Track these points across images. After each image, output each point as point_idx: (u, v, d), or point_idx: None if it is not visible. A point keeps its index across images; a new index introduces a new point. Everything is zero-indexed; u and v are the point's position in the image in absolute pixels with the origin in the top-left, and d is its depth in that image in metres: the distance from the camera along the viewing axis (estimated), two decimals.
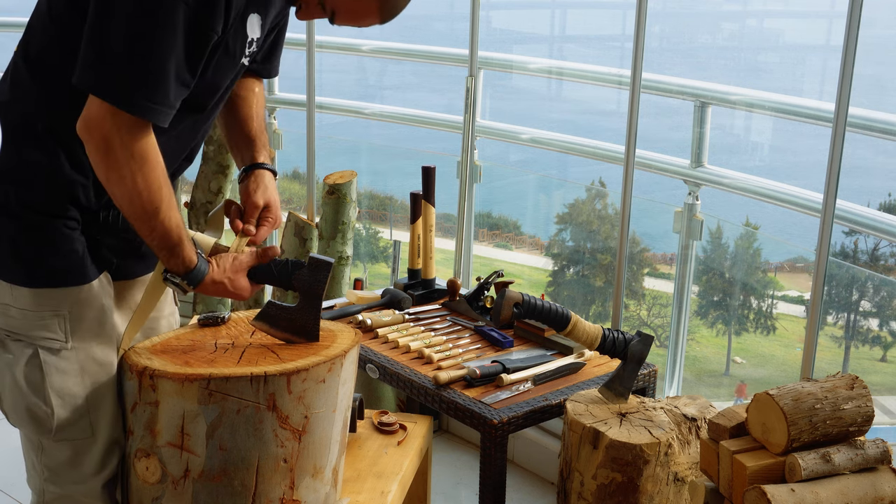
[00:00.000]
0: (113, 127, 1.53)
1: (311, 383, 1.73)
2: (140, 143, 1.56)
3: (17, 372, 1.68)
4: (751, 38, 10.95)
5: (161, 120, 1.57)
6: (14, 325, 1.68)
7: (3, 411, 1.76)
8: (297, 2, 1.75)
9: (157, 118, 1.56)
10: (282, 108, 4.13)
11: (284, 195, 4.96)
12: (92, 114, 1.54)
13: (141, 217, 1.62)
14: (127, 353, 1.78)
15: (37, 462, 1.76)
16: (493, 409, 2.29)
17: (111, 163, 1.56)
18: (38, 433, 1.72)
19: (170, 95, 1.56)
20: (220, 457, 1.71)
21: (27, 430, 1.74)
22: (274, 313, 1.85)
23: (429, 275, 3.05)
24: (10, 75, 1.69)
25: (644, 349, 2.32)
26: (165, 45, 1.52)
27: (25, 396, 1.69)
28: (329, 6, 1.71)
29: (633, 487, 2.14)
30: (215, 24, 1.58)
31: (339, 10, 1.72)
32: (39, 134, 1.64)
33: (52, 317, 1.67)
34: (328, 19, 1.75)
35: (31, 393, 1.68)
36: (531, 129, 3.60)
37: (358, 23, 1.76)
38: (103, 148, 1.55)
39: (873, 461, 1.91)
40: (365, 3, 1.70)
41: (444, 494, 3.12)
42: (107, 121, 1.53)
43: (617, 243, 2.89)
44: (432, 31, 11.12)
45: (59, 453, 1.74)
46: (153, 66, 1.52)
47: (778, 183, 2.97)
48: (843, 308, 5.47)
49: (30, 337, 1.68)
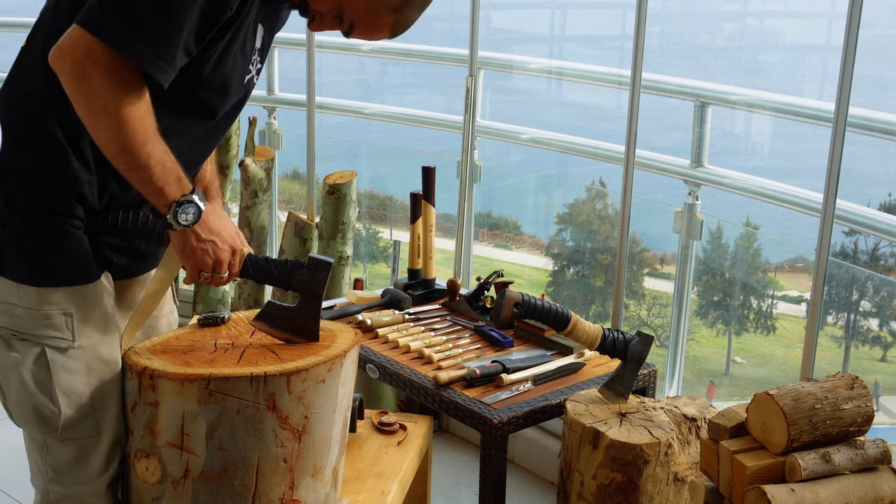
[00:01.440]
0: (104, 70, 1.51)
1: (311, 383, 1.73)
2: (130, 88, 1.54)
3: (23, 371, 1.68)
4: (751, 38, 10.95)
5: (162, 75, 1.55)
6: (20, 324, 1.68)
7: (7, 410, 1.76)
8: (310, 14, 1.75)
9: (159, 73, 1.54)
10: (282, 108, 4.13)
11: (284, 195, 4.96)
12: (78, 48, 1.51)
13: (130, 150, 1.58)
14: (127, 353, 1.78)
15: (41, 462, 1.76)
16: (493, 409, 2.29)
17: (91, 96, 1.53)
18: (44, 433, 1.72)
19: (176, 56, 1.55)
20: (220, 457, 1.71)
21: (33, 429, 1.74)
22: (274, 313, 1.85)
23: (429, 275, 3.05)
24: (16, 71, 1.69)
25: (644, 349, 2.32)
26: (185, 7, 1.52)
27: (32, 396, 1.68)
28: (347, 19, 1.72)
29: (633, 487, 2.14)
30: (231, 1, 1.58)
31: (358, 24, 1.73)
32: (46, 131, 1.63)
33: (59, 315, 1.67)
34: (343, 32, 1.76)
35: (38, 392, 1.68)
36: (531, 129, 3.60)
37: (371, 37, 1.78)
38: (85, 79, 1.52)
39: (873, 461, 1.91)
40: (381, 20, 1.73)
41: (444, 494, 3.12)
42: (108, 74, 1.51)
43: (617, 243, 2.89)
44: (432, 31, 11.11)
45: (65, 453, 1.74)
46: (171, 24, 1.52)
47: (778, 183, 2.97)
48: (843, 308, 5.48)
49: (36, 336, 1.68)
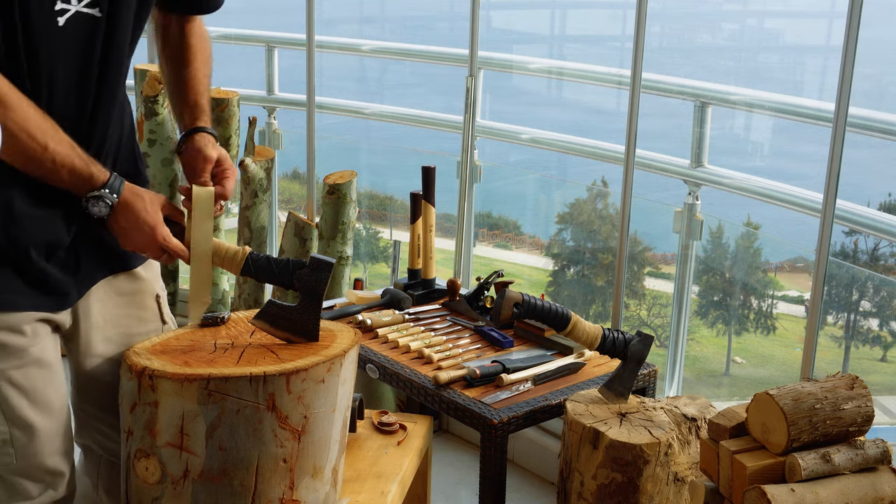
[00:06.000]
0: None
1: (311, 383, 1.73)
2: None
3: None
4: (751, 38, 10.94)
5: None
6: None
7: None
8: None
9: None
10: (282, 108, 4.13)
11: (284, 195, 4.97)
12: None
13: (34, 158, 1.55)
14: (126, 353, 1.78)
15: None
16: (493, 409, 2.29)
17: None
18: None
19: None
20: (220, 457, 1.70)
21: None
22: (274, 312, 1.85)
23: (429, 275, 3.04)
24: None
25: (644, 349, 2.32)
26: None
27: None
28: None
29: (633, 487, 2.14)
30: None
31: None
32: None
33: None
34: None
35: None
36: (531, 129, 3.60)
37: None
38: None
39: (873, 461, 1.91)
40: None
41: (444, 494, 3.12)
42: None
43: (617, 243, 2.89)
44: (432, 31, 11.13)
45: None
46: None
47: (778, 183, 2.97)
48: (843, 308, 5.47)
49: None
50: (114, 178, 1.67)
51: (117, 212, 1.68)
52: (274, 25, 4.27)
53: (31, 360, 1.68)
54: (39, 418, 1.70)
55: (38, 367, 1.70)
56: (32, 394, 1.69)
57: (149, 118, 3.69)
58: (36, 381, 1.69)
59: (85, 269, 1.75)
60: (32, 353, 1.68)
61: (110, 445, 1.92)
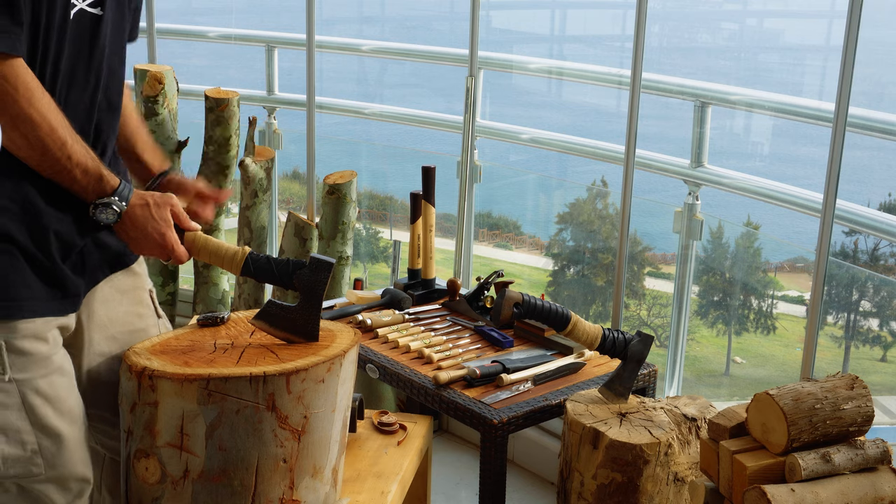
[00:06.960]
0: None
1: (311, 383, 1.73)
2: (14, 73, 1.49)
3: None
4: (751, 38, 10.94)
5: (8, 45, 1.49)
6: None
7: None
8: None
9: (8, 44, 1.48)
10: (282, 108, 4.13)
11: (284, 195, 4.97)
12: None
13: (51, 152, 1.55)
14: (126, 353, 1.78)
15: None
16: (493, 409, 2.29)
17: None
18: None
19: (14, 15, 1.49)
20: (220, 457, 1.70)
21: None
22: (274, 312, 1.85)
23: (429, 275, 3.04)
24: None
25: (644, 349, 2.32)
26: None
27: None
28: None
29: (633, 487, 2.14)
30: None
31: None
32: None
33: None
34: None
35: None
36: (531, 129, 3.60)
37: None
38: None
39: (873, 461, 1.91)
40: None
41: (444, 494, 3.12)
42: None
43: (617, 243, 2.89)
44: (432, 31, 11.13)
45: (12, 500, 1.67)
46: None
47: (778, 183, 2.97)
48: (843, 308, 5.47)
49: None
50: (123, 185, 1.67)
51: (125, 220, 1.69)
52: (274, 25, 4.27)
53: (55, 369, 1.68)
54: (65, 426, 1.69)
55: (60, 375, 1.69)
56: (57, 402, 1.68)
57: (149, 118, 3.69)
58: (59, 389, 1.69)
59: (89, 270, 1.76)
60: (55, 361, 1.68)
61: (113, 444, 1.92)
